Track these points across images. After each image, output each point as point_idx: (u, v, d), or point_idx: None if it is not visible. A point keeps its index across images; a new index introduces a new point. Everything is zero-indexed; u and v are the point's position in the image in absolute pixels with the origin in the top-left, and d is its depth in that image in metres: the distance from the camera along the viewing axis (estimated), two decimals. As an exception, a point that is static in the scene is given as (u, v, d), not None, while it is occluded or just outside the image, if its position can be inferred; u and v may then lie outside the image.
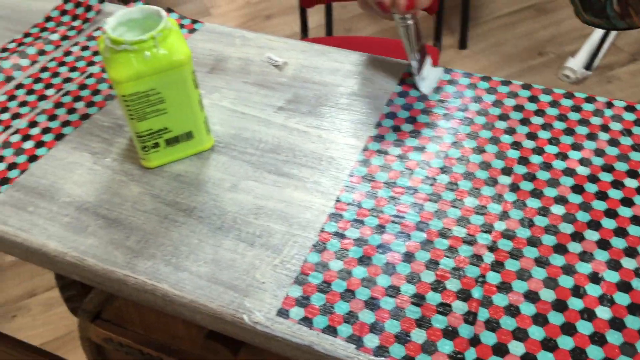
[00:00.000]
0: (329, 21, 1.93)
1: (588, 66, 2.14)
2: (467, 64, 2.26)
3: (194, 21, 0.81)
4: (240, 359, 0.72)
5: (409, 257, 0.52)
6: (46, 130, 0.67)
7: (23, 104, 0.71)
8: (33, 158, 0.64)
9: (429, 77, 0.68)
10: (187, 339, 0.82)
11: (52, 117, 0.69)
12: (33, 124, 0.68)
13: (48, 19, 0.83)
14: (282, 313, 0.49)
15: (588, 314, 0.47)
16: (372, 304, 0.49)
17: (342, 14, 2.34)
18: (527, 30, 2.41)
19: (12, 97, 0.72)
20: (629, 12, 0.57)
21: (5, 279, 1.75)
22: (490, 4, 2.58)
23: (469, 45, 2.36)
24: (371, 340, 0.47)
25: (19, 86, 0.73)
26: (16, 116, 0.69)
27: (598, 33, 2.16)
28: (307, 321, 0.49)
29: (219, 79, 0.72)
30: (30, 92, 0.72)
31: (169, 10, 0.82)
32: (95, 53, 0.77)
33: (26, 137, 0.67)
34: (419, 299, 0.50)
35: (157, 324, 0.83)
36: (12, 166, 0.64)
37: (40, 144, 0.66)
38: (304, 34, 1.74)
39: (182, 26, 0.80)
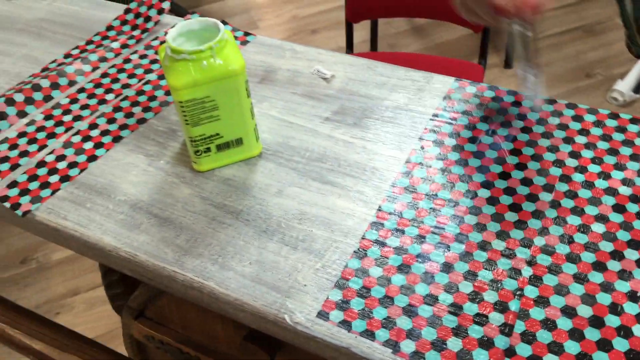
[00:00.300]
0: (374, 37, 1.96)
1: (637, 89, 2.10)
2: (513, 83, 2.25)
3: (247, 34, 0.85)
4: (277, 361, 0.73)
5: (447, 267, 0.54)
6: (105, 133, 0.71)
7: (84, 107, 0.75)
8: (92, 158, 0.68)
9: (537, 91, 0.65)
10: (225, 340, 0.84)
11: (111, 120, 0.73)
12: (93, 126, 0.72)
13: (109, 28, 0.88)
14: (322, 315, 0.51)
15: (625, 332, 0.48)
16: (409, 311, 0.51)
17: (387, 29, 2.37)
18: (575, 51, 2.39)
19: (74, 100, 0.76)
20: None
21: (50, 277, 1.82)
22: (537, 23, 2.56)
23: (515, 65, 2.35)
24: (408, 346, 0.49)
25: (81, 90, 0.78)
26: (78, 118, 0.74)
27: (648, 56, 2.12)
28: (346, 324, 0.51)
29: (269, 90, 0.75)
30: (91, 96, 0.77)
31: (224, 23, 0.85)
32: (153, 61, 0.81)
33: (86, 138, 0.71)
34: (456, 309, 0.51)
35: (196, 325, 0.86)
36: (72, 165, 0.68)
37: (99, 145, 0.70)
38: (349, 49, 1.76)
39: (235, 38, 0.84)
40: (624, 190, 0.58)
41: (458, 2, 0.60)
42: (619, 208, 0.57)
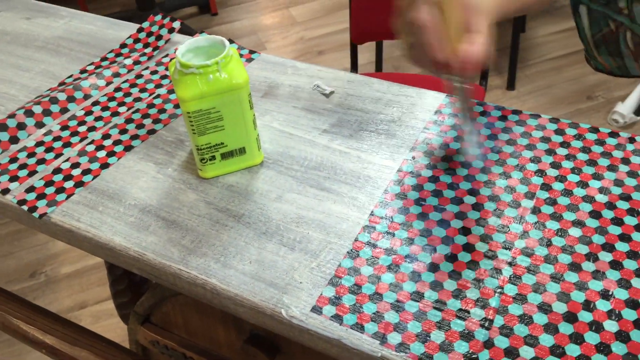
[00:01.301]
0: (378, 58, 2.01)
1: (637, 111, 2.14)
2: (514, 105, 2.29)
3: (252, 51, 0.90)
4: (275, 362, 0.77)
5: (433, 267, 0.57)
6: (117, 142, 0.76)
7: (98, 118, 0.80)
8: (105, 165, 0.73)
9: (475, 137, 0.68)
10: (226, 344, 0.87)
11: (123, 131, 0.78)
12: (106, 136, 0.77)
13: (123, 45, 0.94)
14: (316, 310, 0.55)
15: (596, 326, 0.51)
16: (397, 307, 0.55)
17: (392, 52, 2.42)
18: (577, 74, 2.43)
19: (89, 113, 0.81)
20: None
21: (58, 291, 1.86)
22: (540, 46, 2.61)
23: (517, 87, 2.40)
24: (394, 338, 0.52)
25: (95, 103, 0.83)
26: (92, 129, 0.78)
27: (647, 79, 2.16)
28: (337, 318, 0.54)
29: (271, 103, 0.80)
30: (105, 108, 0.82)
31: (230, 41, 0.91)
32: (163, 77, 0.86)
33: (100, 147, 0.75)
34: (440, 304, 0.54)
35: (199, 330, 0.89)
36: (86, 172, 0.72)
37: (111, 154, 0.74)
38: (354, 69, 1.82)
39: (240, 55, 0.89)
40: (601, 198, 0.62)
41: (406, 51, 0.60)
42: (595, 214, 0.60)
